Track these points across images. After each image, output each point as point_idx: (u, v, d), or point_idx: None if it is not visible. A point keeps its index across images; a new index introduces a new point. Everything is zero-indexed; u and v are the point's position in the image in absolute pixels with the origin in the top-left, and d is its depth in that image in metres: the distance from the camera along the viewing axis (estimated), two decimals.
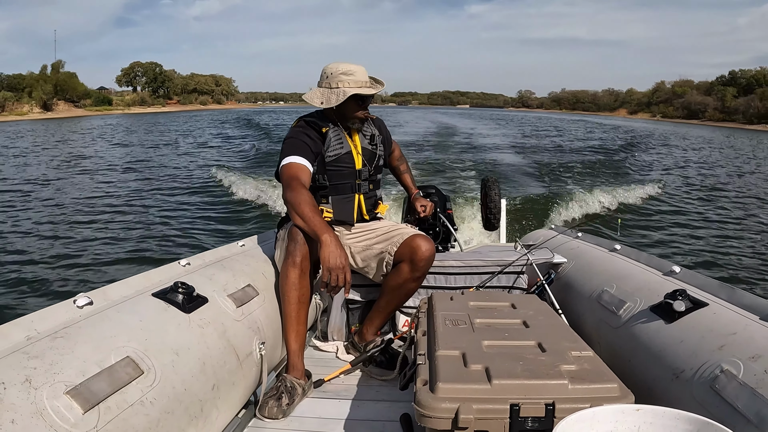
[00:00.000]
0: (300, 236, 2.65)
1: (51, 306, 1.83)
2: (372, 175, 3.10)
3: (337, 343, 3.30)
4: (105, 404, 1.55)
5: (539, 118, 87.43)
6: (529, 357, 1.87)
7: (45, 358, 1.55)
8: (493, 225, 4.57)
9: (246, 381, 2.38)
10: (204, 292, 2.33)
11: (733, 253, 10.01)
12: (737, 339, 1.91)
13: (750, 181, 20.62)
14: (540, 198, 12.90)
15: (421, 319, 2.48)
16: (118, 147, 30.02)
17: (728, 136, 54.29)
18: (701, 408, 1.75)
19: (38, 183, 16.92)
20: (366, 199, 3.08)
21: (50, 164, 21.73)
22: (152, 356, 1.83)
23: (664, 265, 2.76)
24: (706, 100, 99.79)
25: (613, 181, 17.38)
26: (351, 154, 3.00)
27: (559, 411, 1.62)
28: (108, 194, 15.24)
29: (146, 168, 20.63)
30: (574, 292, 3.12)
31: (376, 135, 3.13)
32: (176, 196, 14.85)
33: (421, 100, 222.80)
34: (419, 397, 1.70)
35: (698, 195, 16.61)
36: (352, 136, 3.04)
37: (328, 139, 2.94)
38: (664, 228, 11.81)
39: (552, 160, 23.10)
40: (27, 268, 8.28)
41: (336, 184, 2.99)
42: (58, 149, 28.53)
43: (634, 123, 74.96)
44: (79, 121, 63.21)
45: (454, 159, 21.44)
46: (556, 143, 32.62)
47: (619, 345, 2.44)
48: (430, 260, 2.93)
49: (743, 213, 14.16)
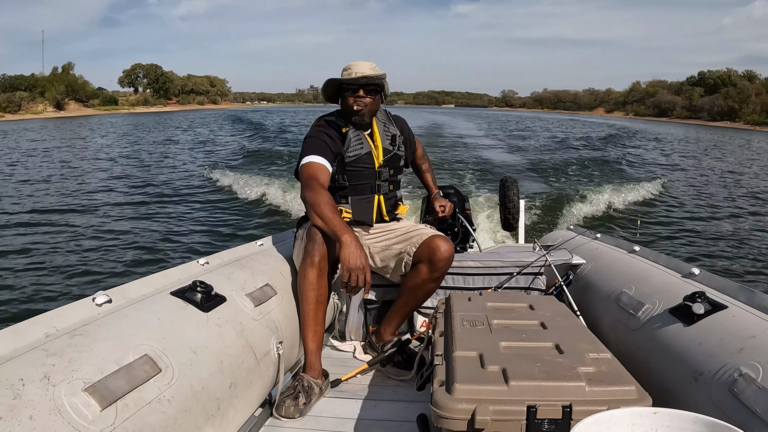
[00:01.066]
0: (319, 236, 2.66)
1: (70, 304, 1.85)
2: (392, 176, 3.10)
3: (355, 343, 3.31)
4: (122, 402, 1.57)
5: (520, 117, 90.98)
6: (546, 358, 1.86)
7: (63, 356, 1.56)
8: (511, 225, 4.56)
9: (263, 380, 2.39)
10: (222, 291, 2.34)
11: (754, 255, 9.92)
12: (757, 342, 1.89)
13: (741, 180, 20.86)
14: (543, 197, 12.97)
15: (439, 319, 2.47)
16: (135, 144, 30.93)
17: (687, 133, 57.61)
18: (719, 411, 1.73)
19: (54, 181, 17.26)
20: (386, 200, 3.07)
21: (67, 163, 22.02)
22: (170, 354, 1.84)
23: (683, 267, 2.74)
24: (675, 99, 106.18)
25: (607, 178, 17.53)
26: (371, 155, 2.99)
27: (576, 413, 1.60)
28: (130, 191, 15.45)
29: (165, 166, 20.88)
30: (592, 293, 3.10)
31: (397, 135, 3.12)
32: (197, 195, 14.95)
33: (407, 100, 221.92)
34: (436, 397, 1.70)
35: (699, 194, 16.69)
36: (373, 137, 3.04)
37: (348, 139, 2.94)
38: (681, 229, 11.75)
39: (540, 157, 23.69)
40: (47, 267, 8.39)
41: (355, 184, 2.99)
42: (74, 146, 29.62)
43: (608, 120, 79.19)
44: (90, 119, 67.68)
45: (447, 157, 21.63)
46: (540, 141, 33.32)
47: (637, 347, 2.42)
48: (449, 261, 2.92)
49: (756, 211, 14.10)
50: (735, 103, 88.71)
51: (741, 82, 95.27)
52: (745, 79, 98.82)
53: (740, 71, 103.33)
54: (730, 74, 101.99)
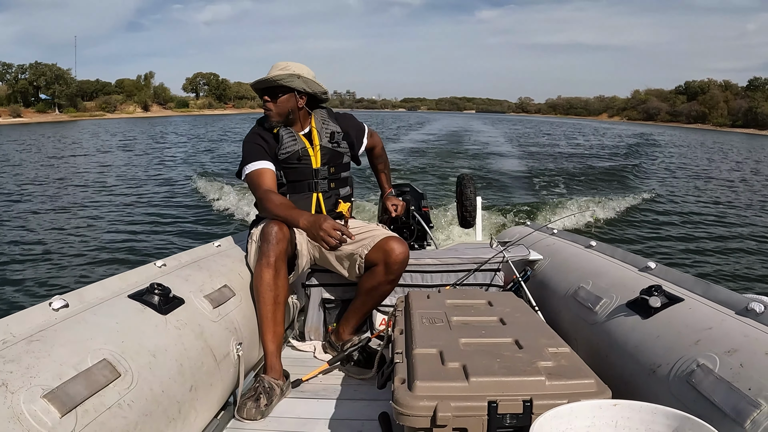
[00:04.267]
0: (273, 236, 2.66)
1: (26, 309, 1.81)
2: (333, 174, 3.12)
3: (315, 343, 3.30)
4: (82, 407, 1.54)
5: (530, 121, 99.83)
6: (506, 354, 1.88)
7: (21, 362, 1.53)
8: (468, 222, 4.59)
9: (224, 382, 2.37)
10: (180, 293, 2.32)
11: (710, 249, 10.18)
12: (713, 334, 1.93)
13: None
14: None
15: (398, 317, 2.48)
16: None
17: (662, 132, 63.86)
18: (678, 402, 1.77)
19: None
20: (325, 198, 3.09)
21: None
22: (129, 358, 1.82)
23: (640, 261, 2.78)
24: (661, 105, 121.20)
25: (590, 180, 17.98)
26: (306, 152, 3.03)
27: (537, 407, 1.63)
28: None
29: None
30: (550, 288, 3.14)
31: (336, 132, 3.13)
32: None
33: (429, 106, 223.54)
34: (397, 395, 1.71)
35: (673, 191, 17.17)
36: (311, 135, 3.07)
37: (280, 138, 2.99)
38: (639, 224, 11.97)
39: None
40: (1, 271, 8.13)
41: (293, 181, 3.04)
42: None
43: (602, 124, 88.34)
44: (171, 119, 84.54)
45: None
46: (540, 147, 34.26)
47: (595, 341, 2.46)
48: (404, 263, 2.94)
49: (722, 209, 14.48)
50: (705, 109, 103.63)
51: (713, 91, 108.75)
52: (722, 88, 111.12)
53: (719, 80, 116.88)
54: (709, 84, 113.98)
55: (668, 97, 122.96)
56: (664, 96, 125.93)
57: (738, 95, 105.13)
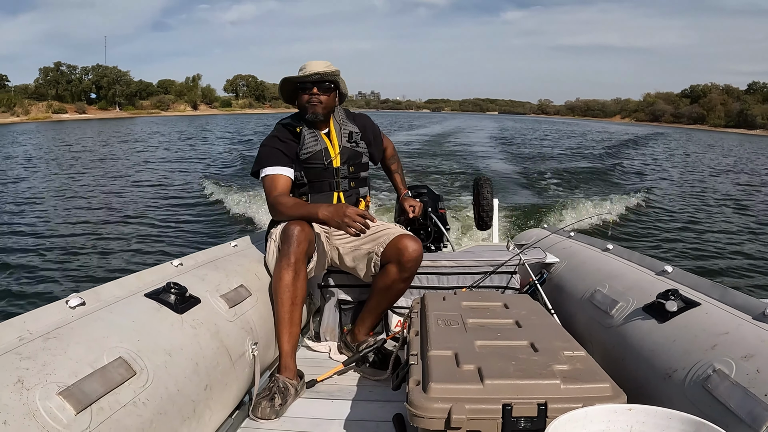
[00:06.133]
0: (294, 237, 2.66)
1: (43, 307, 1.83)
2: (353, 173, 3.13)
3: (330, 344, 3.30)
4: (98, 405, 1.55)
5: (538, 121, 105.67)
6: (521, 357, 1.87)
7: (37, 359, 1.54)
8: (486, 224, 4.58)
9: (239, 382, 2.38)
10: (196, 293, 2.33)
11: (727, 253, 10.08)
12: (729, 339, 1.91)
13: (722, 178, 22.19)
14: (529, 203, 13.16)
15: (414, 319, 2.47)
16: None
17: (662, 132, 67.70)
18: (693, 407, 1.75)
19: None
20: (346, 197, 3.10)
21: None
22: (145, 357, 1.83)
23: (657, 264, 2.76)
24: (666, 107, 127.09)
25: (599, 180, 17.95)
26: (327, 152, 3.04)
27: (552, 411, 1.62)
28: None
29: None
30: (566, 291, 3.12)
31: (354, 132, 3.15)
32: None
33: (453, 107, 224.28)
34: (412, 397, 1.70)
35: (681, 193, 17.16)
36: (329, 135, 3.08)
37: (302, 138, 3.01)
38: (655, 228, 11.88)
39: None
40: (19, 269, 8.22)
41: (314, 181, 3.05)
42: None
43: (609, 125, 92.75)
44: (215, 117, 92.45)
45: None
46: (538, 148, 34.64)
47: (611, 345, 2.44)
48: (418, 261, 2.93)
49: (734, 212, 14.34)
50: (704, 111, 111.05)
51: (712, 94, 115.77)
52: (722, 92, 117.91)
53: (721, 85, 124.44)
54: (711, 88, 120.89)
55: (674, 99, 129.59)
56: (671, 99, 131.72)
57: (737, 98, 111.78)
